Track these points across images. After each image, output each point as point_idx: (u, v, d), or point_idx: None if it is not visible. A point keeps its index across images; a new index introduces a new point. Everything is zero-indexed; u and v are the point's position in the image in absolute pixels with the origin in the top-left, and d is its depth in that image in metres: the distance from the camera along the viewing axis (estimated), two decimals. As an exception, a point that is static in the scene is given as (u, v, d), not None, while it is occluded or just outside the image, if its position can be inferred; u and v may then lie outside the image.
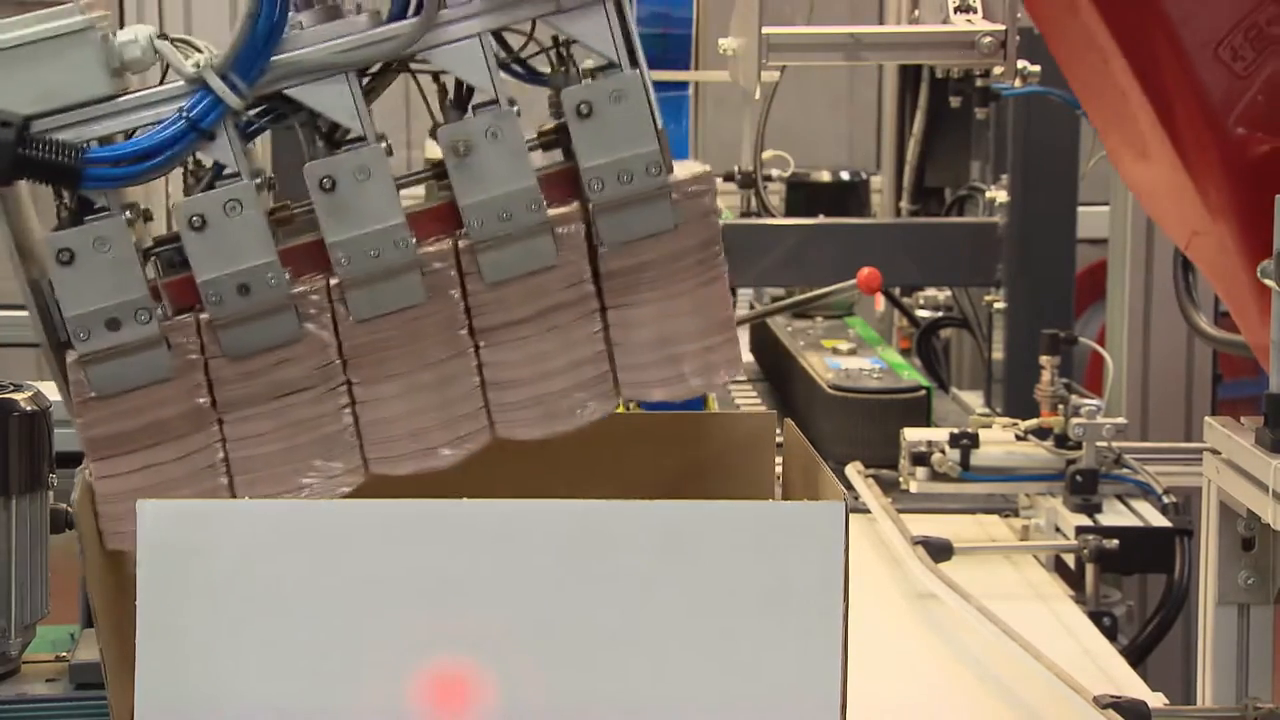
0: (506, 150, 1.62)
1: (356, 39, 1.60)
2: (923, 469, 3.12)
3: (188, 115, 1.57)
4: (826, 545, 1.63)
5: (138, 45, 1.59)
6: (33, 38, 1.55)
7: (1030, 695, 2.36)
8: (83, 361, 1.61)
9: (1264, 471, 2.08)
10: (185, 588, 1.59)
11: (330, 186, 1.60)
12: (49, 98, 1.56)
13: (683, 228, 1.66)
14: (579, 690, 1.62)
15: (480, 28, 1.61)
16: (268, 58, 1.57)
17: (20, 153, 1.54)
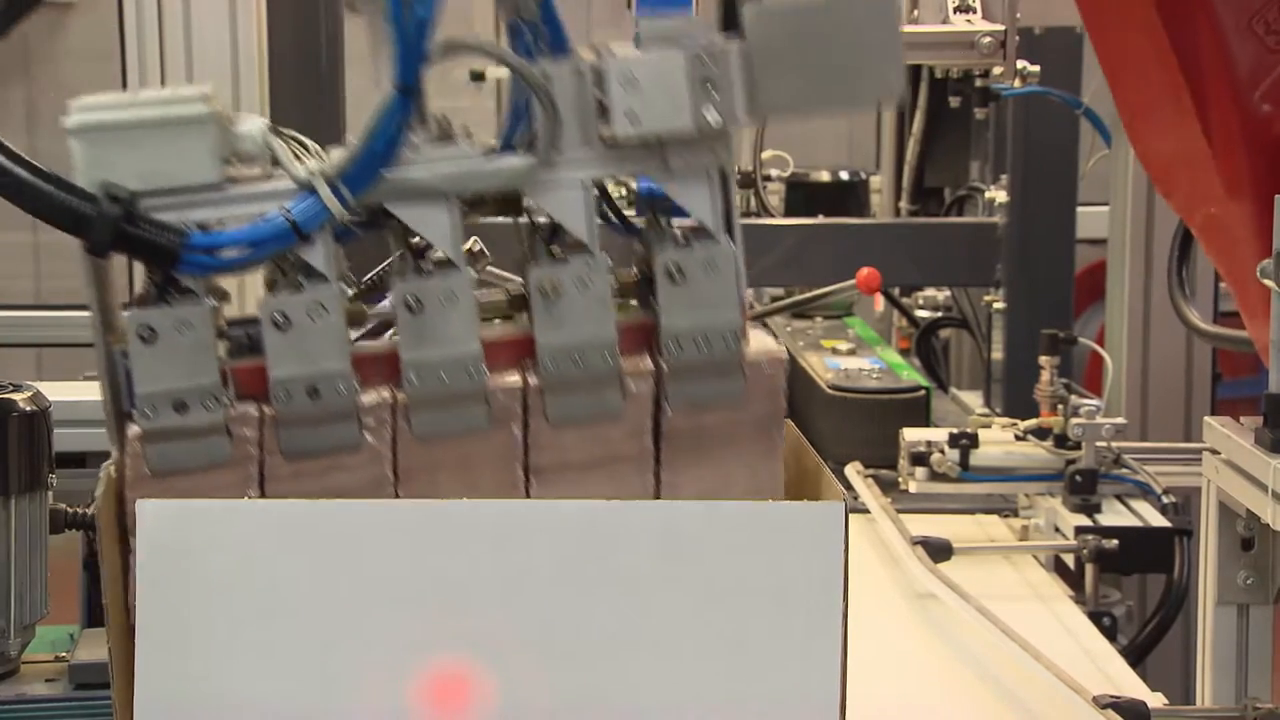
0: (593, 299, 1.65)
1: (468, 168, 1.62)
2: (922, 469, 3.12)
3: (291, 217, 1.59)
4: (826, 545, 1.63)
5: (252, 140, 1.61)
6: (153, 120, 1.57)
7: (1030, 695, 2.36)
8: (144, 438, 1.63)
9: (1263, 471, 2.08)
10: (185, 588, 1.59)
11: (416, 306, 1.63)
12: (157, 178, 1.57)
13: (749, 402, 1.68)
14: (579, 690, 1.62)
15: (586, 175, 1.63)
16: (380, 174, 1.60)
17: (124, 228, 1.55)
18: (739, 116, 1.60)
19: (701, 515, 1.65)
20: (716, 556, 1.63)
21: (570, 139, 1.61)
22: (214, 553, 1.59)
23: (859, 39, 1.60)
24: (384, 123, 1.58)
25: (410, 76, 1.57)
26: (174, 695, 1.59)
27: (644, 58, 1.59)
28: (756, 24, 1.59)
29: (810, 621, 1.63)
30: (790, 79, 1.60)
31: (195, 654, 1.59)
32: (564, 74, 1.61)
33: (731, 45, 1.60)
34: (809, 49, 1.60)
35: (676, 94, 1.59)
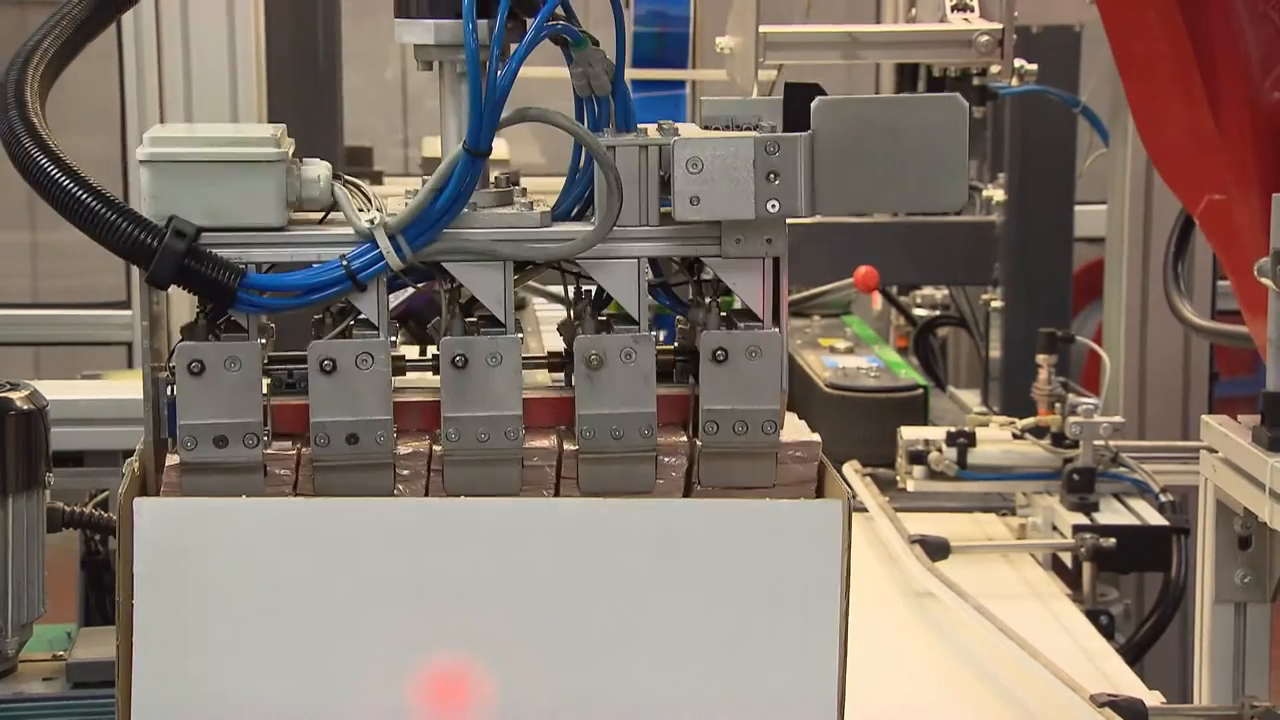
0: (638, 373, 1.67)
1: (526, 234, 1.65)
2: (920, 468, 3.12)
3: (349, 266, 1.62)
4: (825, 543, 1.63)
5: (317, 186, 1.64)
6: (224, 159, 1.61)
7: (1027, 694, 2.36)
8: (182, 469, 1.64)
9: (1261, 470, 2.08)
10: (183, 587, 1.59)
11: (462, 364, 1.65)
12: (222, 215, 1.61)
13: (779, 486, 1.70)
14: (578, 689, 1.62)
15: (642, 252, 1.66)
16: (441, 230, 1.62)
17: (186, 263, 1.58)
18: (800, 210, 1.62)
19: (701, 513, 1.65)
20: (716, 555, 1.63)
21: (628, 213, 1.63)
22: (212, 552, 1.59)
23: (925, 144, 1.61)
24: (450, 180, 1.61)
25: (483, 142, 1.59)
26: (172, 694, 1.59)
27: (711, 142, 1.61)
28: (824, 118, 1.61)
29: (809, 620, 1.63)
30: (852, 178, 1.61)
31: (194, 653, 1.59)
32: (628, 149, 1.63)
33: (799, 138, 1.61)
34: (874, 149, 1.61)
35: (741, 183, 1.61)
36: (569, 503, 1.67)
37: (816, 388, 3.52)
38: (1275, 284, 2.04)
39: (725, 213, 1.62)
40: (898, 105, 1.63)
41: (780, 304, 1.68)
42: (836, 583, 1.63)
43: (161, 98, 3.81)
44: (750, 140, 1.61)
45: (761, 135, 1.62)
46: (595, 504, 1.66)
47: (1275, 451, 2.08)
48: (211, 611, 1.59)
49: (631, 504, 1.67)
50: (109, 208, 1.57)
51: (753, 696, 1.63)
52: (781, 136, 1.61)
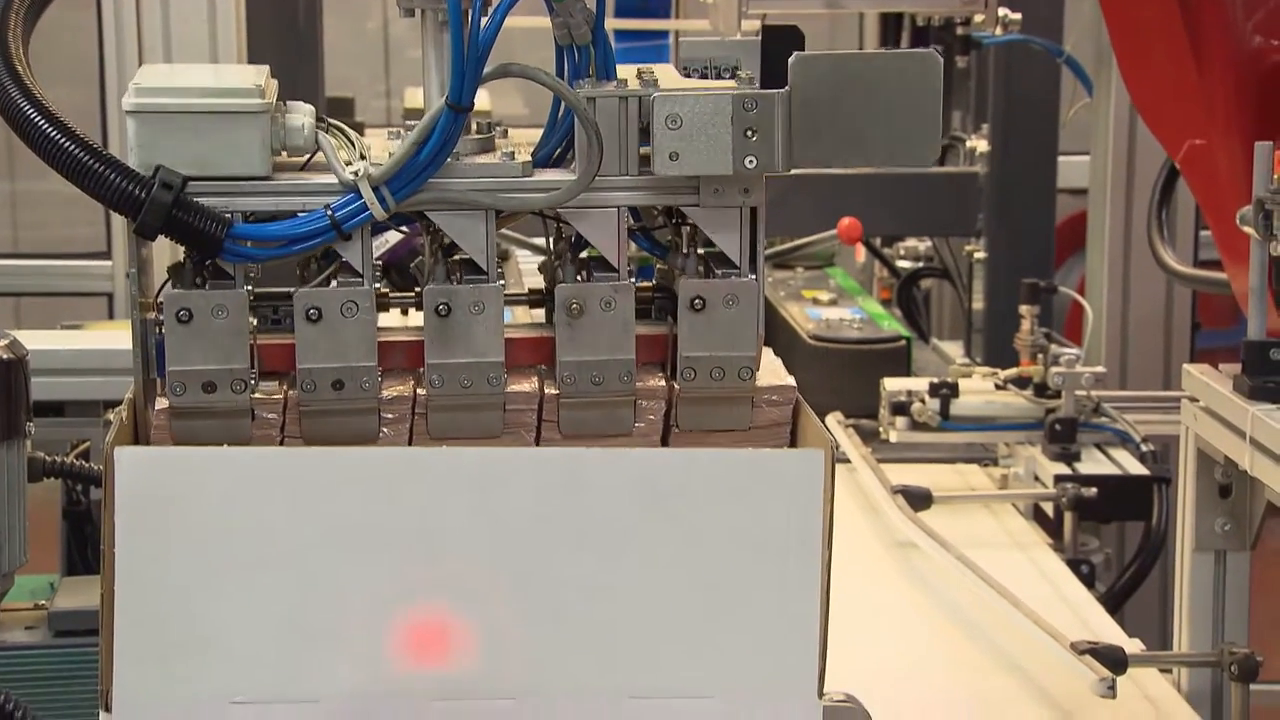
0: (617, 321, 1.68)
1: (508, 184, 1.65)
2: (902, 418, 3.13)
3: (333, 215, 1.63)
4: (807, 492, 1.63)
5: (301, 134, 1.64)
6: (209, 108, 1.61)
7: (1008, 642, 2.38)
8: (171, 413, 1.66)
9: (1242, 419, 2.09)
10: (165, 535, 1.58)
11: (445, 312, 1.66)
12: (207, 165, 1.62)
13: (755, 429, 1.72)
14: (558, 637, 1.62)
15: (622, 201, 1.67)
16: (424, 181, 1.63)
17: (173, 214, 1.59)
18: (777, 166, 1.63)
19: (682, 462, 1.65)
20: (698, 504, 1.63)
21: (608, 164, 1.64)
22: (194, 500, 1.59)
23: (901, 100, 1.62)
24: (432, 134, 1.62)
25: (465, 97, 1.60)
26: (155, 641, 1.59)
27: (690, 98, 1.62)
28: (801, 74, 1.61)
29: (790, 568, 1.63)
30: (829, 133, 1.62)
31: (176, 601, 1.59)
32: (608, 101, 1.64)
33: (776, 95, 1.62)
34: (851, 105, 1.62)
35: (719, 139, 1.62)
36: (550, 451, 1.67)
37: (800, 339, 3.52)
38: (1257, 232, 2.04)
39: (703, 168, 1.63)
40: (874, 61, 1.63)
41: (757, 252, 1.70)
42: (818, 531, 1.63)
43: (140, 49, 3.78)
44: (729, 96, 1.62)
45: (739, 92, 1.63)
46: (577, 453, 1.66)
47: (1256, 400, 2.08)
48: (194, 560, 1.59)
49: (613, 453, 1.67)
50: (96, 159, 1.58)
51: (733, 645, 1.64)
52: (759, 93, 1.62)
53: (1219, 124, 2.20)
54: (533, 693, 1.62)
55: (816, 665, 1.65)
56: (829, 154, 1.63)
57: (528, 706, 1.62)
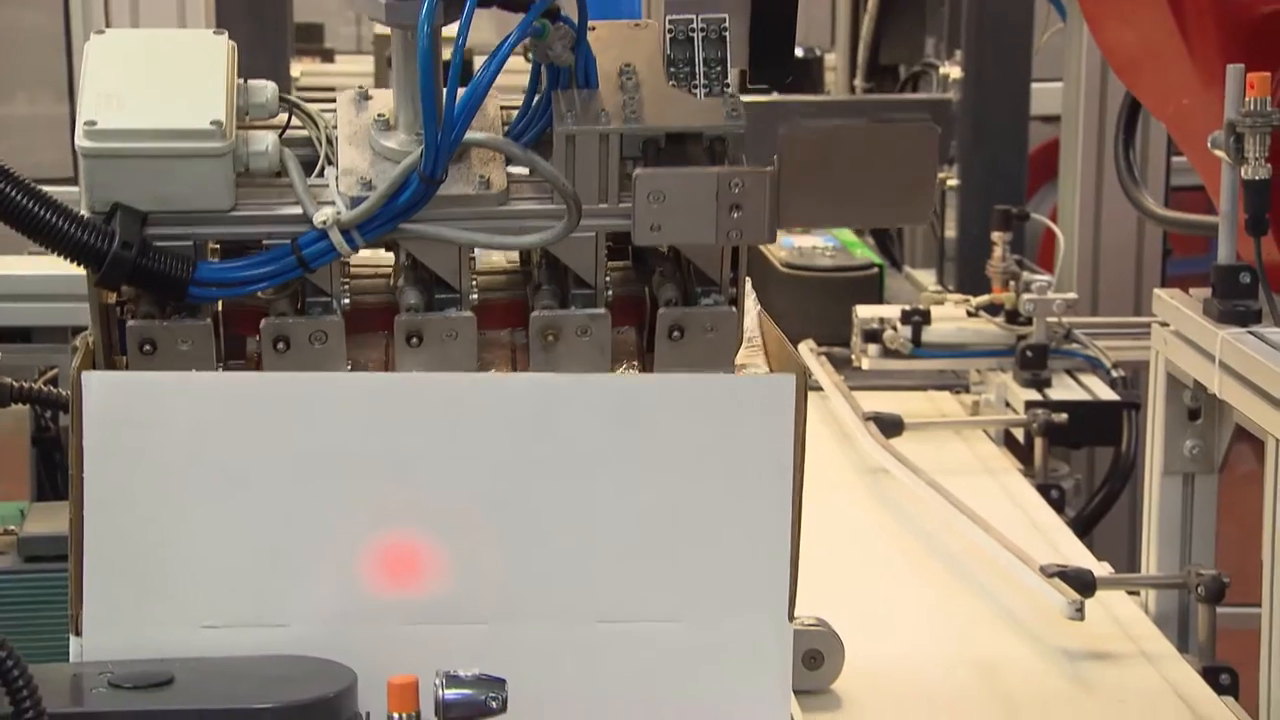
0: (593, 347, 1.68)
1: (484, 224, 1.62)
2: (875, 346, 3.13)
3: (300, 253, 1.60)
4: (777, 417, 1.64)
5: (265, 157, 1.61)
6: (167, 152, 1.57)
7: (978, 566, 2.39)
8: None
9: (1211, 342, 2.09)
10: (133, 460, 1.58)
11: (416, 343, 1.66)
12: (169, 201, 1.58)
13: None
14: (530, 562, 1.63)
15: (600, 228, 1.64)
16: (394, 227, 1.61)
17: (137, 263, 1.57)
18: (764, 238, 1.61)
19: (653, 388, 1.65)
20: (669, 429, 1.63)
21: (588, 194, 1.62)
22: (163, 425, 1.58)
23: (894, 170, 1.60)
24: (404, 192, 1.59)
25: (438, 171, 1.58)
26: (123, 566, 1.58)
27: (674, 176, 1.59)
28: (791, 150, 1.59)
29: (761, 493, 1.64)
30: (817, 199, 1.60)
31: (145, 526, 1.59)
32: (589, 140, 1.61)
33: (764, 174, 1.59)
34: (841, 173, 1.60)
35: (703, 213, 1.60)
36: (522, 377, 1.67)
37: (772, 268, 3.52)
38: (1228, 156, 2.04)
39: (686, 239, 1.62)
40: (869, 134, 1.61)
41: (740, 279, 1.69)
42: (789, 456, 1.64)
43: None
44: (714, 175, 1.59)
45: (726, 170, 1.60)
46: (549, 379, 1.66)
47: (1225, 323, 2.09)
48: (163, 485, 1.58)
49: (584, 379, 1.67)
50: (59, 216, 1.55)
51: (704, 569, 1.64)
52: (746, 172, 1.59)
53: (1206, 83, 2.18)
54: (504, 618, 1.63)
55: (787, 589, 1.65)
56: (817, 217, 1.62)
57: (499, 631, 1.62)
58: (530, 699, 1.55)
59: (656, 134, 1.62)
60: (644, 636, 1.64)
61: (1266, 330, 2.07)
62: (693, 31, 1.66)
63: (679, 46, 1.65)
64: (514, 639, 1.62)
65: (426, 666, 1.47)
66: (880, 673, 2.07)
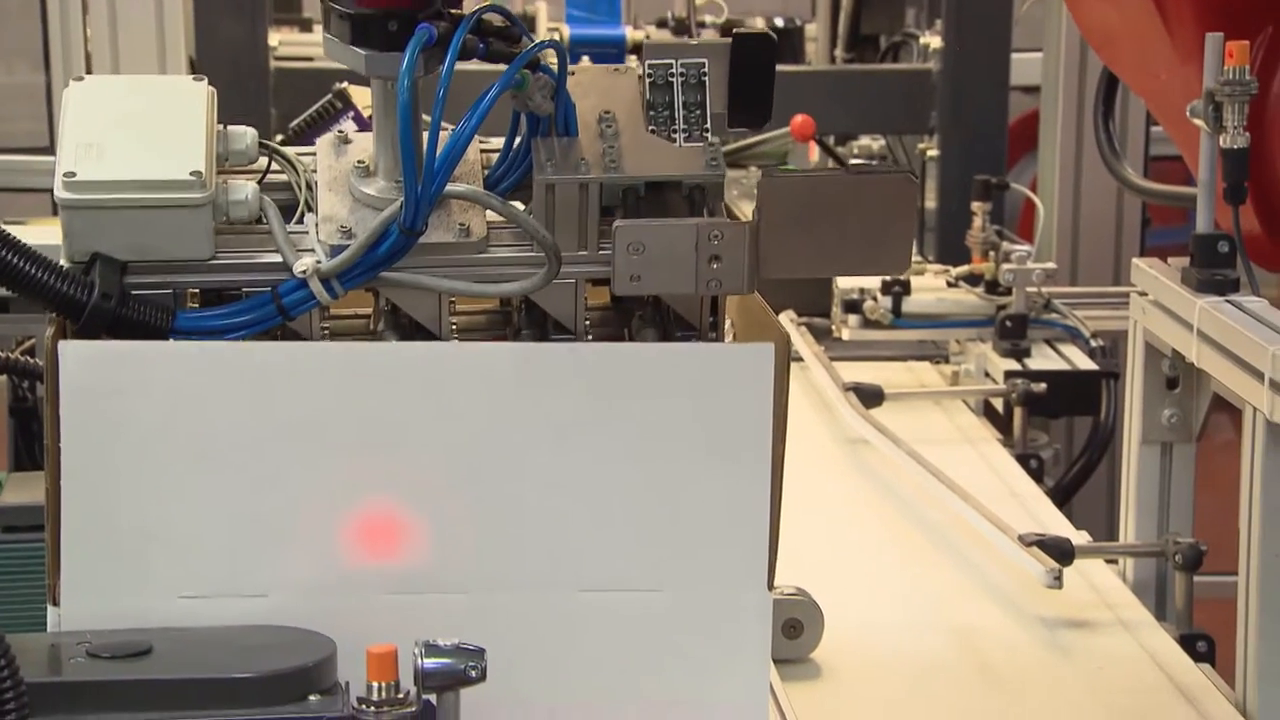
0: None
1: (463, 272, 1.62)
2: (855, 316, 3.14)
3: (280, 302, 1.61)
4: (756, 386, 1.64)
5: (245, 206, 1.62)
6: (150, 203, 1.58)
7: (957, 536, 2.40)
8: None
9: (1189, 311, 2.09)
10: (110, 430, 1.57)
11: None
12: (148, 252, 1.59)
13: None
14: (509, 532, 1.63)
15: (580, 274, 1.65)
16: (374, 276, 1.61)
17: (117, 314, 1.58)
18: (743, 288, 1.62)
19: (632, 357, 1.65)
20: (647, 398, 1.63)
21: (567, 244, 1.62)
22: (139, 395, 1.58)
23: (873, 219, 1.60)
24: (384, 243, 1.59)
25: (418, 223, 1.58)
26: (101, 536, 1.58)
27: (653, 228, 1.59)
28: (771, 198, 1.60)
29: (740, 462, 1.64)
30: (797, 249, 1.61)
31: (123, 496, 1.58)
32: (569, 190, 1.61)
33: (743, 227, 1.60)
34: (821, 224, 1.60)
35: (683, 264, 1.60)
36: (500, 347, 1.67)
37: (752, 237, 3.51)
38: (1206, 125, 2.04)
39: (666, 289, 1.63)
40: (848, 184, 1.62)
41: (719, 323, 1.70)
42: (768, 425, 1.64)
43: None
44: (693, 226, 1.60)
45: (705, 222, 1.60)
46: (526, 348, 1.66)
47: (1203, 292, 2.09)
48: (140, 454, 1.58)
49: (563, 348, 1.67)
50: (39, 268, 1.56)
51: (683, 538, 1.64)
52: (725, 224, 1.60)
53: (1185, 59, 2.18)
54: (484, 587, 1.63)
55: (766, 558, 1.65)
56: (797, 267, 1.62)
57: (479, 601, 1.62)
58: (509, 668, 1.56)
59: (636, 183, 1.63)
60: (623, 606, 1.64)
61: (1245, 299, 2.07)
62: (672, 76, 1.66)
63: (658, 91, 1.66)
64: (493, 609, 1.62)
65: (406, 636, 1.47)
66: (859, 642, 2.08)
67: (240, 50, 3.57)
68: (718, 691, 1.65)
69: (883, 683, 2.01)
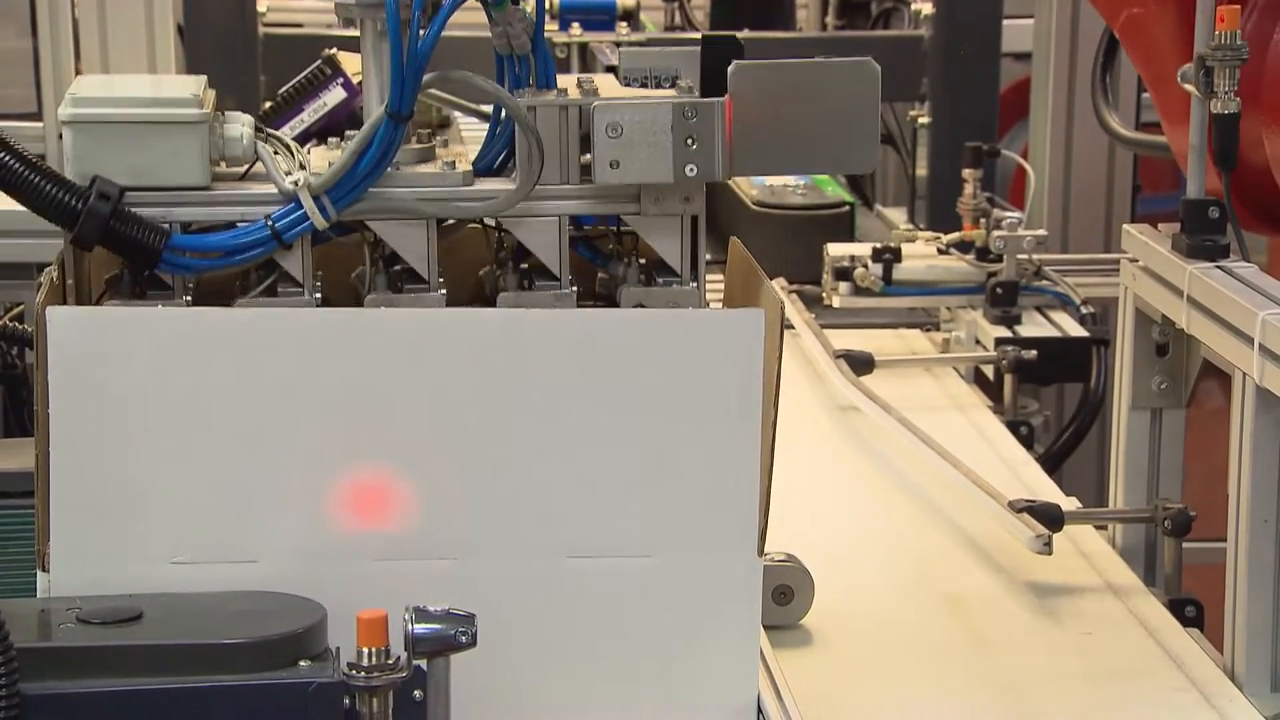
0: None
1: (449, 193, 1.67)
2: (845, 284, 3.13)
3: (274, 226, 1.64)
4: (745, 352, 1.64)
5: (239, 144, 1.66)
6: (147, 118, 1.62)
7: (948, 502, 2.40)
8: None
9: (1179, 277, 2.09)
10: (99, 396, 1.57)
11: None
12: (146, 175, 1.63)
13: None
14: (498, 498, 1.63)
15: (563, 210, 1.68)
16: (365, 190, 1.64)
17: (111, 225, 1.60)
18: (718, 174, 1.66)
19: (622, 322, 1.65)
20: (637, 364, 1.63)
21: (549, 172, 1.66)
22: (128, 361, 1.57)
23: (839, 106, 1.65)
24: (372, 143, 1.63)
25: (404, 105, 1.61)
26: (90, 502, 1.58)
27: (630, 106, 1.64)
28: (741, 83, 1.63)
29: (730, 428, 1.64)
30: (768, 140, 1.65)
31: (111, 461, 1.58)
32: (549, 110, 1.66)
33: (715, 104, 1.64)
34: (789, 113, 1.65)
35: (660, 147, 1.64)
36: (490, 313, 1.67)
37: (744, 206, 3.51)
38: (1197, 90, 2.03)
39: (645, 176, 1.66)
40: (812, 69, 1.66)
41: (698, 258, 1.72)
42: (757, 391, 1.64)
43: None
44: (669, 105, 1.64)
45: (680, 99, 1.65)
46: (517, 314, 1.66)
47: (1194, 258, 2.09)
48: (129, 421, 1.58)
49: (552, 314, 1.67)
50: (37, 173, 1.59)
51: (673, 504, 1.65)
52: (699, 101, 1.65)
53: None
54: (473, 553, 1.63)
55: (757, 524, 1.66)
56: (770, 161, 1.66)
57: (468, 566, 1.62)
58: (499, 634, 1.56)
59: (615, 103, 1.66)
60: (613, 572, 1.64)
61: (1235, 265, 2.07)
62: (647, 80, 1.74)
63: None
64: (483, 574, 1.62)
65: (396, 602, 1.47)
66: (850, 608, 2.08)
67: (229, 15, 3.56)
68: (707, 657, 1.66)
69: (873, 648, 2.02)
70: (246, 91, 3.38)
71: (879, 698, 1.90)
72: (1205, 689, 1.92)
